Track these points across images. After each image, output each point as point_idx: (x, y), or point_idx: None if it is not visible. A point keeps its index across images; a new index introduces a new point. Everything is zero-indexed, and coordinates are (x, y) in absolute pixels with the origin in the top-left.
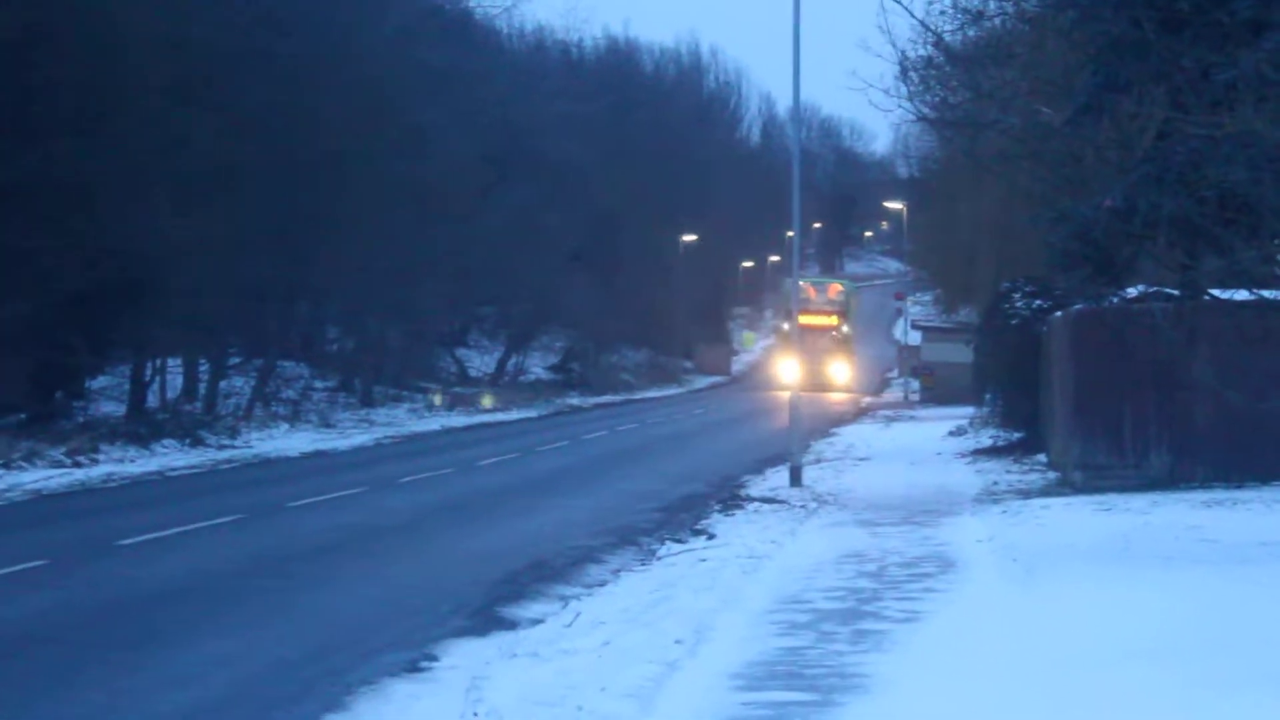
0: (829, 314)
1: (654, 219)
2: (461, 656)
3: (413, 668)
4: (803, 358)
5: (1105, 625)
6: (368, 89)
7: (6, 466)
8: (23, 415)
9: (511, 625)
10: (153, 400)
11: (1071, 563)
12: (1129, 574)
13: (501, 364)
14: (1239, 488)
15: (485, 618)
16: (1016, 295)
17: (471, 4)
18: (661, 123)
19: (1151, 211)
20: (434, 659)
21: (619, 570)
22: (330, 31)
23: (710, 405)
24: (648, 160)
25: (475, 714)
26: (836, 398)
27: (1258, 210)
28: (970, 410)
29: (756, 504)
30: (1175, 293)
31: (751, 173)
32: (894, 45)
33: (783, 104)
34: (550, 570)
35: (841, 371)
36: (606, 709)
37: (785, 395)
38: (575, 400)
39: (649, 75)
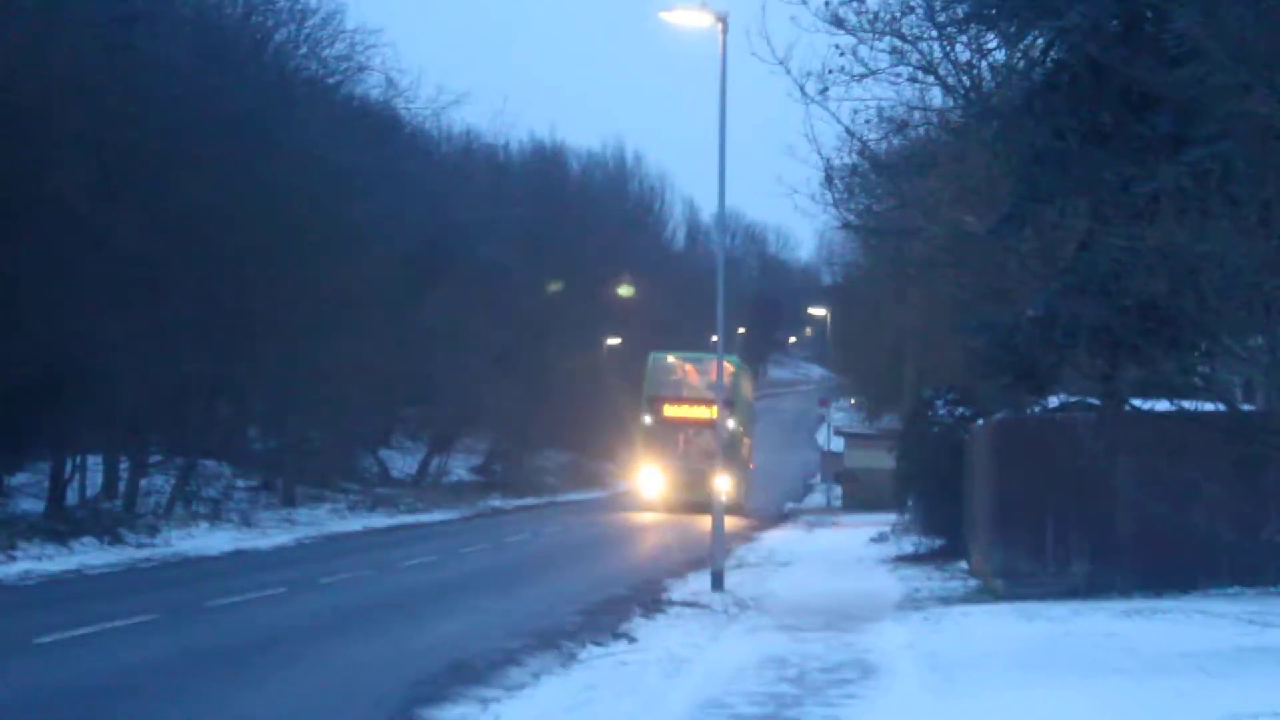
0: (710, 404)
1: (579, 322)
2: None
3: None
4: (671, 463)
5: None
6: (295, 188)
7: None
8: None
9: None
10: (72, 497)
11: (993, 670)
12: (1050, 682)
13: (424, 465)
14: (1159, 597)
15: (404, 719)
16: (939, 402)
17: (399, 107)
18: (588, 226)
19: (1072, 321)
20: None
21: (539, 673)
22: (257, 130)
23: (633, 508)
24: (574, 263)
25: None
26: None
27: (1178, 322)
28: (893, 517)
29: (678, 608)
30: (1097, 402)
31: (676, 277)
32: (819, 153)
33: (708, 209)
34: (470, 672)
35: (724, 483)
36: None
37: (633, 518)
38: (498, 502)
39: (575, 179)
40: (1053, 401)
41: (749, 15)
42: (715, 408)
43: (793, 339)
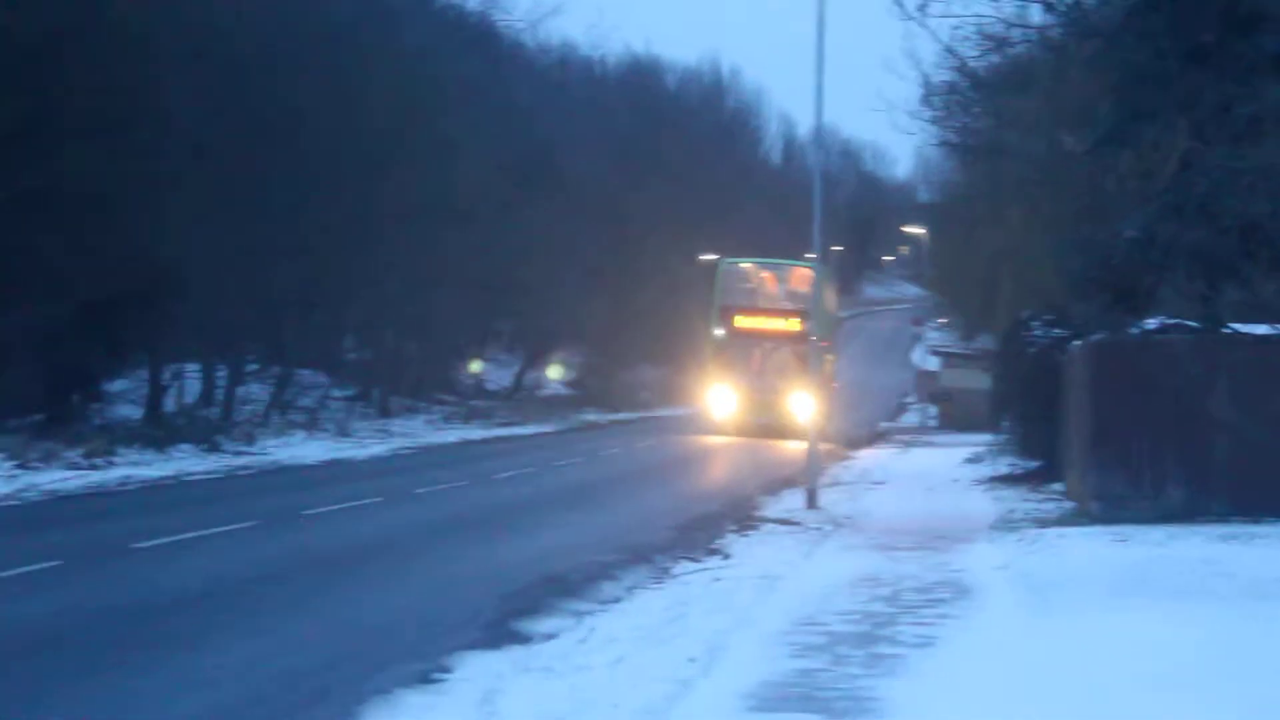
0: (791, 314)
1: (674, 237)
2: (475, 669)
3: (425, 679)
4: (744, 382)
5: (1121, 655)
6: (392, 100)
7: (23, 466)
8: (40, 416)
9: (525, 640)
10: (170, 405)
11: (1088, 593)
12: (1145, 605)
13: (519, 378)
14: (1256, 522)
15: (499, 631)
16: (1035, 323)
17: (496, 18)
18: (683, 141)
19: (1171, 242)
20: (447, 671)
21: (633, 587)
22: (356, 42)
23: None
24: (669, 178)
25: None
26: (794, 447)
27: (1278, 243)
28: (988, 437)
29: (771, 525)
30: (1196, 325)
31: (772, 194)
32: (918, 70)
33: (804, 125)
34: (564, 585)
35: (806, 405)
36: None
37: (682, 443)
38: (592, 416)
39: (671, 93)
40: (1151, 323)
41: None
42: (795, 319)
43: (888, 257)
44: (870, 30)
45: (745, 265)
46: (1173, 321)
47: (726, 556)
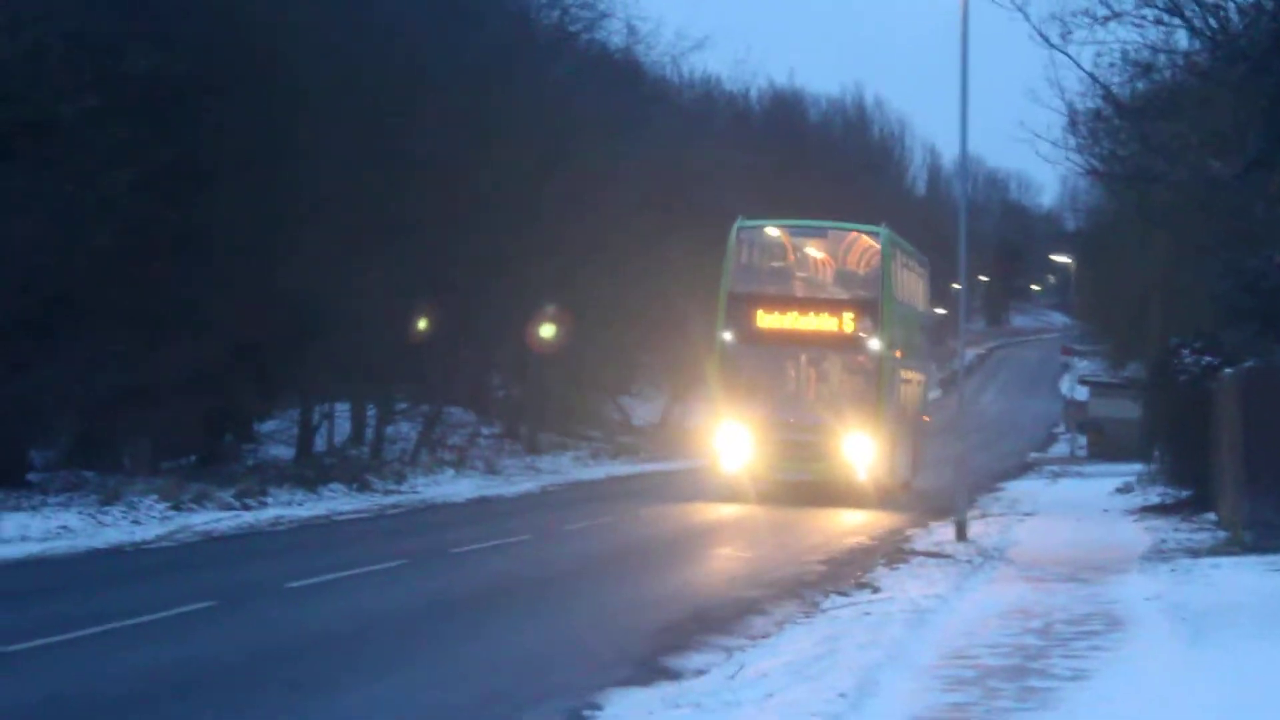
0: (847, 308)
1: None
2: (625, 706)
3: (575, 716)
4: (769, 414)
5: (1277, 688)
6: (537, 137)
7: (177, 508)
8: (193, 457)
9: (675, 675)
10: (320, 444)
11: (1242, 623)
12: None
13: (665, 413)
14: None
15: (649, 668)
16: (1185, 351)
17: (640, 54)
18: (828, 172)
19: None
20: (597, 708)
21: (782, 622)
22: (499, 79)
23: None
24: (813, 208)
25: None
26: (850, 521)
27: None
28: (1138, 467)
29: (921, 558)
30: None
31: (918, 223)
32: (1062, 97)
33: (948, 155)
34: (714, 621)
35: (867, 450)
36: None
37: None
38: None
39: (815, 125)
40: None
41: None
42: (849, 314)
43: (1036, 286)
44: (1013, 58)
45: (771, 230)
46: None
47: (876, 590)
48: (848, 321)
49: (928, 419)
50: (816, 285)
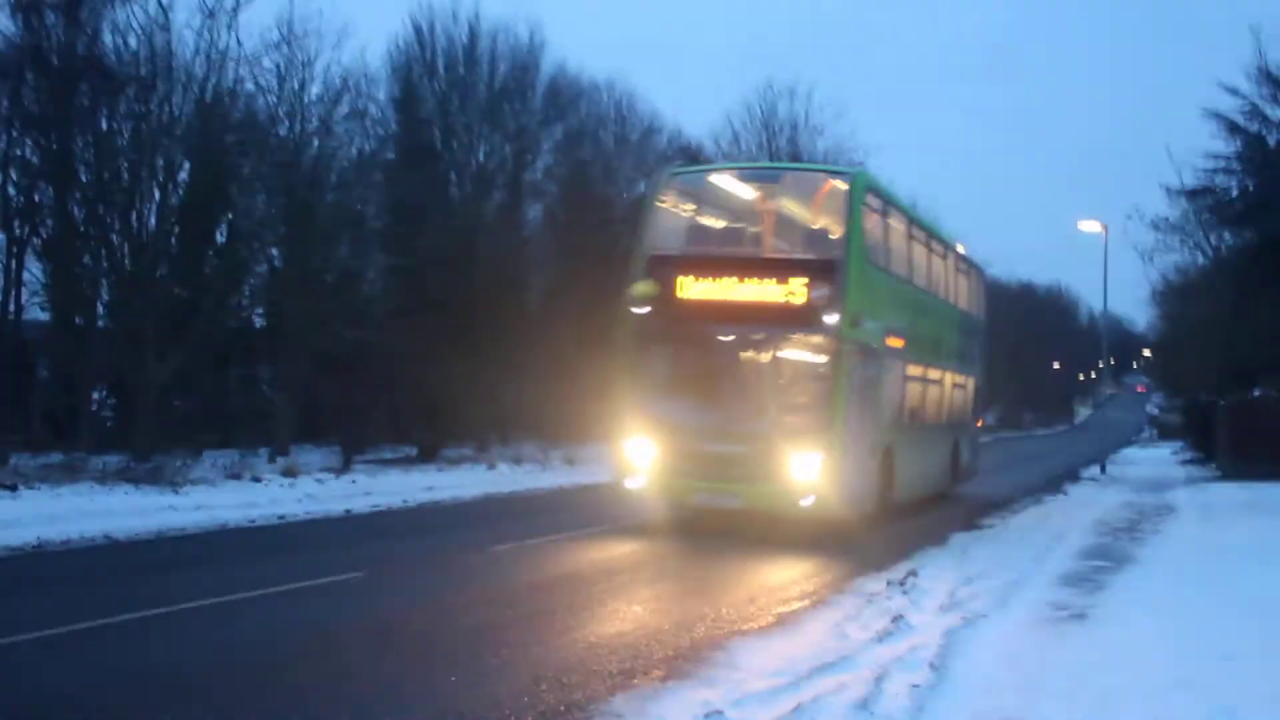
0: (797, 271)
1: None
2: (959, 541)
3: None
4: (693, 417)
5: (1240, 536)
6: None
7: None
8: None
9: (979, 527)
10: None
11: (1225, 510)
12: (1255, 516)
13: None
14: None
15: (969, 524)
16: (1201, 393)
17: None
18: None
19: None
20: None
21: (1023, 504)
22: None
23: (1063, 441)
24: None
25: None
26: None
27: None
28: (1179, 444)
29: (1085, 481)
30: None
31: (1076, 349)
32: (1149, 281)
33: (1094, 305)
34: (992, 506)
35: (820, 467)
36: (1021, 563)
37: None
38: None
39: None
40: (1256, 391)
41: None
42: (799, 282)
43: (1136, 365)
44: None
45: (712, 176)
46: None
47: (1065, 493)
48: (797, 289)
49: (981, 423)
50: (763, 244)
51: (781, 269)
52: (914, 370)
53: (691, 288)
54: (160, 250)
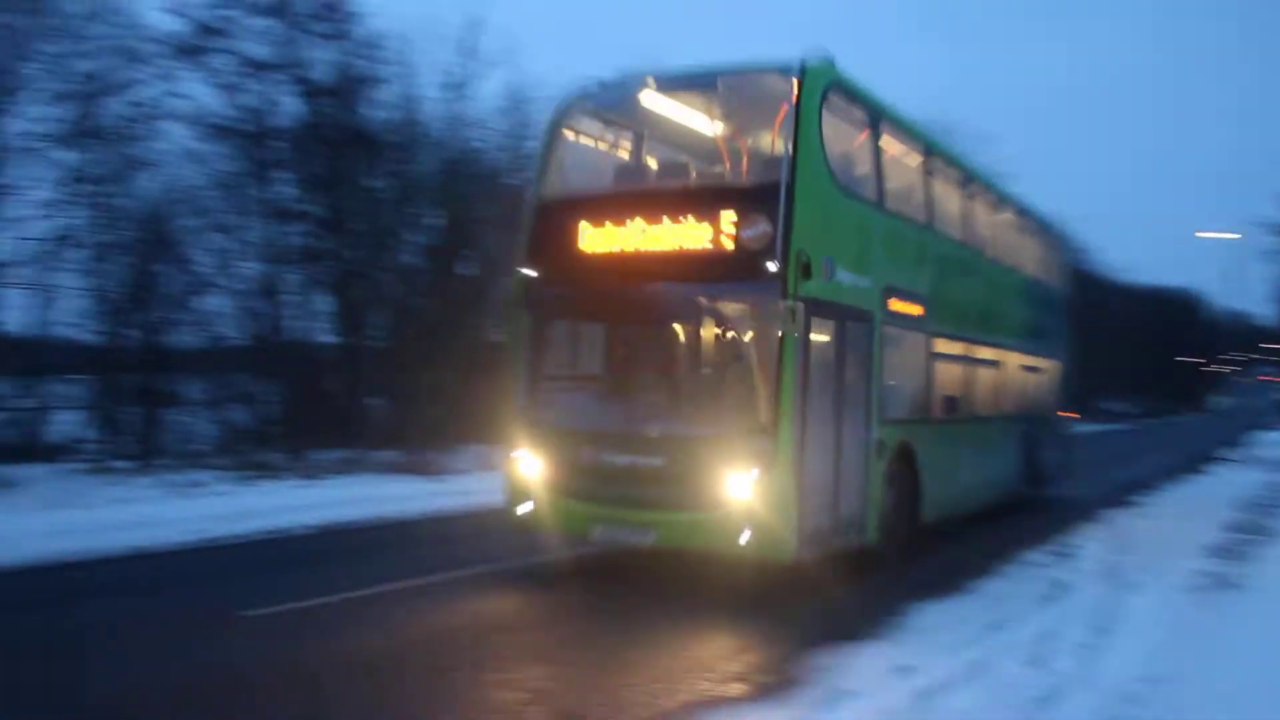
0: (725, 202)
1: None
2: (1108, 515)
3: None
4: (592, 411)
5: None
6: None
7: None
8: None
9: (1134, 504)
10: None
11: None
12: None
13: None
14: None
15: (1124, 500)
16: None
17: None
18: None
19: None
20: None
21: (1166, 483)
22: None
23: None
24: None
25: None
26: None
27: None
28: None
29: (1225, 461)
30: None
31: None
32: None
33: None
34: (1142, 485)
35: (743, 481)
36: (1174, 534)
37: None
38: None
39: None
40: None
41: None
42: (727, 212)
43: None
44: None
45: (626, 92)
46: None
47: (1205, 473)
48: (725, 228)
49: (1067, 415)
50: (689, 174)
51: (708, 202)
52: (946, 346)
53: (591, 238)
54: (417, 283)
